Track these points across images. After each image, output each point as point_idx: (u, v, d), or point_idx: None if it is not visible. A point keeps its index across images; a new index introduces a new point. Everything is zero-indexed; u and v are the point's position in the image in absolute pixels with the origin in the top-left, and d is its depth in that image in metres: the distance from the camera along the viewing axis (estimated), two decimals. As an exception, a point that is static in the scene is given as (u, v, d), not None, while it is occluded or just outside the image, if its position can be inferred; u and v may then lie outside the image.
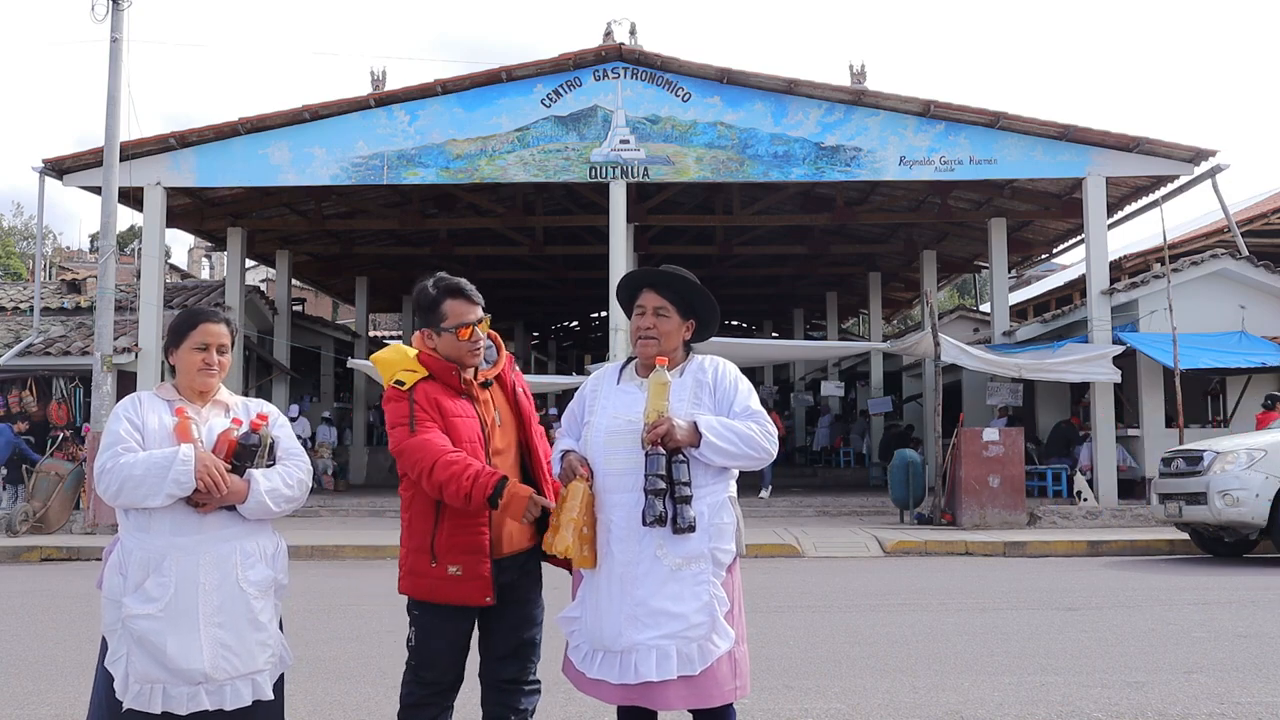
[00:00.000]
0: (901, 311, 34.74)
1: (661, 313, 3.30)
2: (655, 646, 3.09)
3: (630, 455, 3.19)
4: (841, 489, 20.64)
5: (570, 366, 39.32)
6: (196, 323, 3.27)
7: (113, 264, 14.84)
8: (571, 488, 3.23)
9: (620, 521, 3.19)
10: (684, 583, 3.13)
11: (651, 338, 3.30)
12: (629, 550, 3.17)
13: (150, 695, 3.03)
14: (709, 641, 3.11)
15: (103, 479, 3.05)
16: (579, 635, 3.30)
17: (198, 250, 47.66)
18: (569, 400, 3.65)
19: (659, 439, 3.10)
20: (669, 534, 3.12)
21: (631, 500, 3.17)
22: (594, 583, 3.26)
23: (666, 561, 3.13)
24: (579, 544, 3.17)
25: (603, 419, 3.32)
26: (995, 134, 15.56)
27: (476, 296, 3.44)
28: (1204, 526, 11.20)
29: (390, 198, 19.88)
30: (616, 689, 3.16)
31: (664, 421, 3.11)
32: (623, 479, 3.21)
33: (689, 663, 3.09)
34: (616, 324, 15.97)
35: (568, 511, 3.19)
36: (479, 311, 3.42)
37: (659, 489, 3.07)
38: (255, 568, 3.16)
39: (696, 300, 3.34)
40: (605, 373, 3.50)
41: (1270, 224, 20.94)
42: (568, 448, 3.38)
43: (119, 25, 14.67)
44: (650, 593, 3.12)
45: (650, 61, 15.72)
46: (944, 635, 6.75)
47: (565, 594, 3.48)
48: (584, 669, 3.26)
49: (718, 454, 3.16)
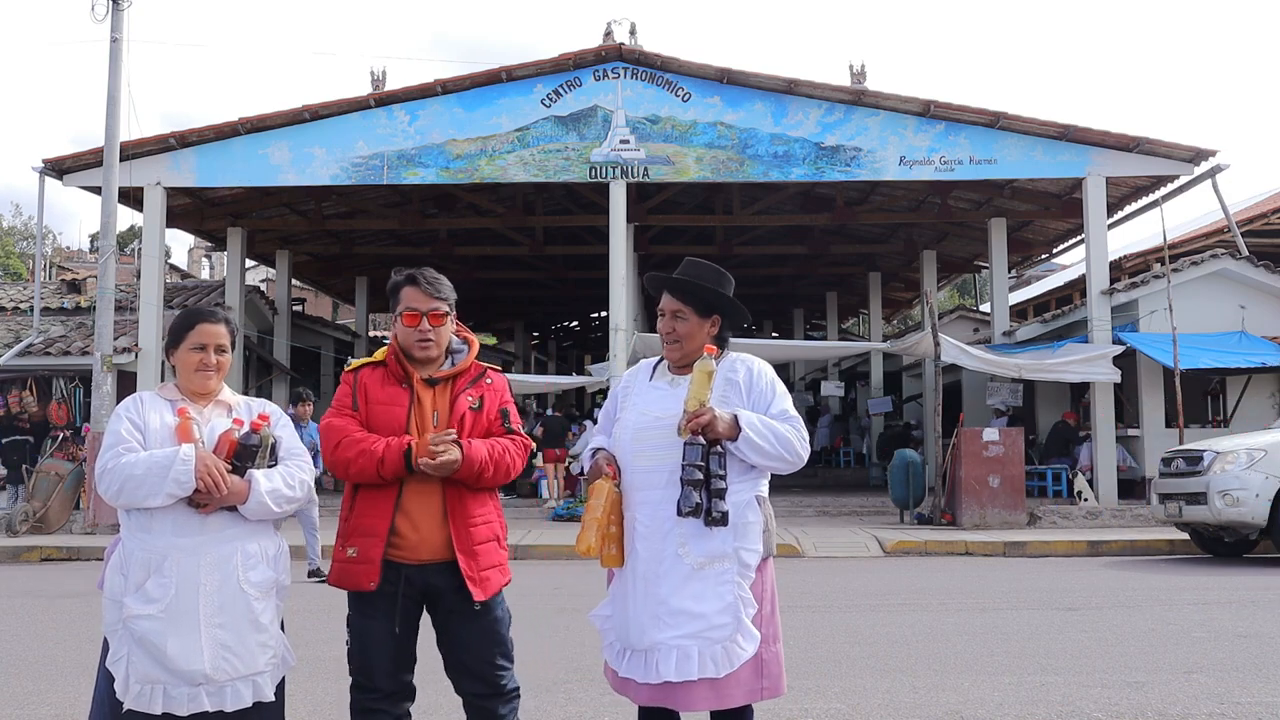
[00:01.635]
0: (901, 311, 34.73)
1: (679, 316, 3.28)
2: (676, 646, 3.06)
3: (657, 453, 3.17)
4: (841, 489, 20.64)
5: (570, 366, 39.31)
6: (194, 323, 3.26)
7: (113, 264, 14.83)
8: (596, 486, 3.20)
9: (645, 519, 3.17)
10: (706, 582, 3.10)
11: (674, 341, 3.29)
12: (652, 548, 3.15)
13: (151, 696, 3.02)
14: (734, 644, 3.07)
15: (104, 479, 3.04)
16: (611, 633, 3.28)
17: (198, 250, 47.66)
18: (568, 400, 3.64)
19: (700, 429, 3.06)
20: (692, 532, 3.10)
21: (656, 498, 3.15)
22: (622, 581, 3.24)
23: (688, 560, 3.11)
24: (603, 542, 3.14)
25: (631, 415, 3.30)
26: (995, 134, 15.56)
27: (437, 289, 3.37)
28: (1204, 526, 11.20)
29: (390, 198, 19.88)
30: (643, 688, 3.14)
31: (706, 411, 3.07)
32: (649, 476, 3.18)
33: (712, 664, 3.06)
34: (616, 324, 15.97)
35: (592, 510, 3.16)
36: (434, 303, 3.35)
37: (696, 479, 3.03)
38: (257, 569, 3.15)
39: (711, 299, 3.31)
40: (639, 370, 3.47)
41: (1270, 224, 20.93)
42: (600, 445, 3.36)
43: (119, 25, 14.66)
44: (671, 591, 3.10)
45: (650, 61, 15.72)
46: (944, 635, 6.75)
47: (566, 594, 3.47)
48: (615, 667, 3.24)
49: (754, 451, 3.13)
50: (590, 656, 6.14)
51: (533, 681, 5.28)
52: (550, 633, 6.79)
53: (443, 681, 3.50)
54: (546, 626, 7.00)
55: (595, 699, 5.13)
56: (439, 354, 3.40)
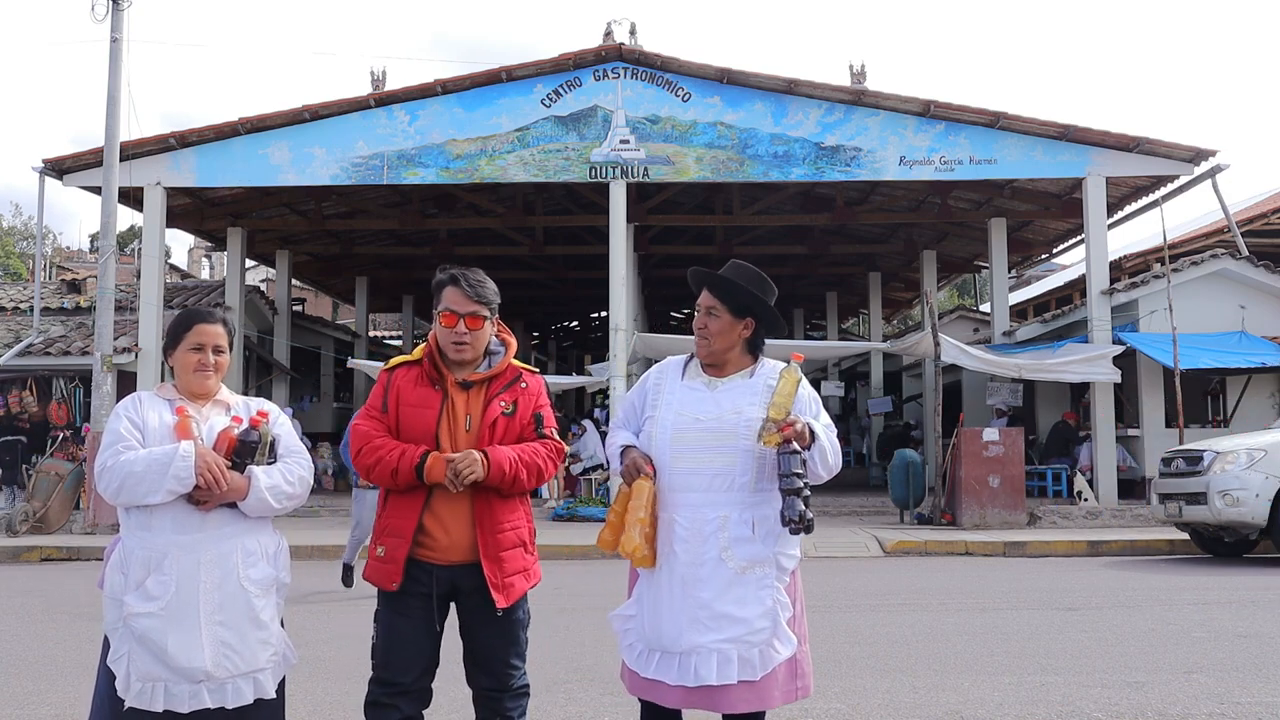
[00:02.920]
0: (901, 311, 34.73)
1: (713, 312, 3.29)
2: (717, 650, 3.06)
3: (698, 456, 3.17)
4: (841, 489, 20.60)
5: (570, 366, 39.28)
6: (192, 323, 3.27)
7: (113, 264, 14.83)
8: (637, 486, 3.17)
9: (685, 521, 3.16)
10: (748, 586, 3.11)
11: (704, 338, 3.30)
12: (693, 551, 3.13)
13: (152, 694, 3.03)
14: (770, 647, 3.08)
15: (103, 477, 3.05)
16: (633, 634, 3.25)
17: (198, 250, 47.64)
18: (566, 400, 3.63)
19: (793, 438, 3.05)
20: (736, 537, 3.11)
21: (697, 500, 3.15)
22: (654, 582, 3.21)
23: (731, 564, 3.11)
24: (644, 543, 3.14)
25: (668, 416, 3.27)
26: (995, 134, 15.55)
27: (477, 292, 3.33)
28: (1204, 526, 11.20)
29: (390, 198, 19.88)
30: (675, 690, 3.12)
31: (800, 420, 3.09)
32: (689, 479, 3.17)
33: (750, 667, 3.06)
34: (616, 324, 15.97)
35: (634, 511, 3.14)
36: (473, 307, 3.32)
37: (797, 488, 3.01)
38: (257, 566, 3.17)
39: (747, 301, 3.30)
40: (669, 366, 3.43)
41: (1270, 224, 20.92)
42: (627, 443, 3.32)
43: (119, 25, 14.66)
44: (714, 596, 3.09)
45: (650, 61, 15.72)
46: (944, 635, 6.75)
47: (566, 594, 3.46)
48: (638, 668, 3.21)
49: (820, 461, 3.14)
50: (590, 656, 6.14)
51: (533, 681, 5.27)
52: (550, 633, 6.78)
53: (444, 678, 3.51)
54: (546, 626, 6.99)
55: (595, 699, 5.13)
56: (474, 357, 3.36)
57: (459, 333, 3.31)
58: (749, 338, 3.32)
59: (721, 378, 3.29)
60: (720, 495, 3.13)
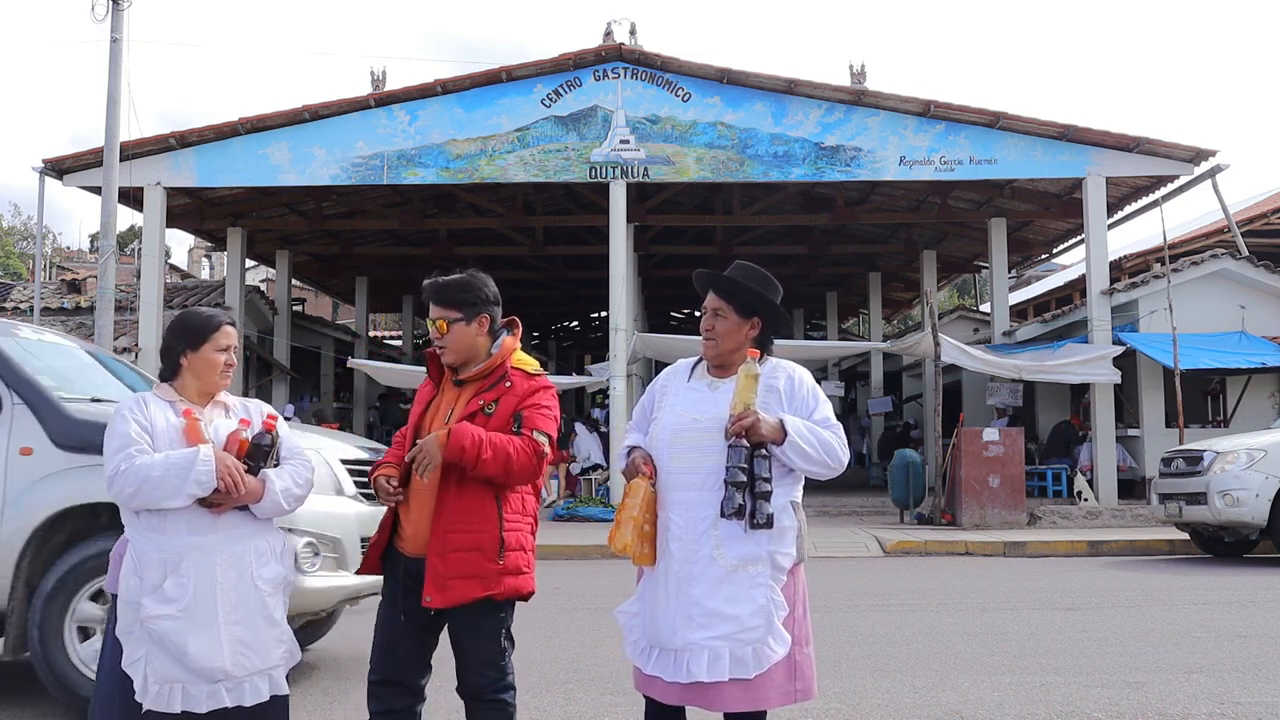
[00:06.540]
0: (901, 311, 34.73)
1: (719, 313, 3.29)
2: (708, 647, 3.07)
3: (693, 454, 3.18)
4: (841, 489, 20.60)
5: (570, 366, 39.25)
6: (219, 324, 3.31)
7: (113, 264, 14.81)
8: (633, 485, 3.21)
9: (679, 520, 3.17)
10: (740, 584, 3.11)
11: (711, 339, 3.31)
12: (686, 549, 3.15)
13: (170, 695, 3.06)
14: (764, 645, 3.08)
15: (117, 481, 3.04)
16: (636, 631, 3.28)
17: (198, 250, 47.65)
18: (566, 401, 3.65)
19: (743, 431, 3.07)
20: (727, 534, 3.11)
21: (692, 499, 3.16)
22: (653, 580, 3.24)
23: (723, 562, 3.11)
24: (639, 541, 3.16)
25: (669, 416, 3.30)
26: (995, 134, 15.56)
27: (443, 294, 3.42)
28: (1204, 526, 11.20)
29: (390, 198, 19.88)
30: (672, 687, 3.14)
31: (750, 414, 3.09)
32: (684, 478, 3.19)
33: (742, 665, 3.06)
34: (616, 324, 15.97)
35: (628, 509, 3.17)
36: (440, 311, 3.41)
37: (740, 481, 3.03)
38: (268, 565, 3.22)
39: (753, 301, 3.30)
40: (678, 369, 3.46)
41: (1270, 224, 20.93)
42: (635, 443, 3.36)
43: (119, 25, 14.64)
44: (706, 593, 3.11)
45: (650, 61, 15.72)
46: (944, 635, 6.75)
47: (566, 594, 3.47)
48: (639, 664, 3.24)
49: (799, 456, 3.14)
50: (590, 656, 6.14)
51: (533, 681, 5.29)
52: (550, 633, 6.78)
53: (437, 683, 3.52)
54: (546, 626, 6.99)
55: (595, 699, 5.13)
56: (454, 359, 3.43)
57: (433, 336, 3.45)
58: (756, 338, 3.33)
59: (725, 378, 3.30)
60: (713, 494, 3.12)
